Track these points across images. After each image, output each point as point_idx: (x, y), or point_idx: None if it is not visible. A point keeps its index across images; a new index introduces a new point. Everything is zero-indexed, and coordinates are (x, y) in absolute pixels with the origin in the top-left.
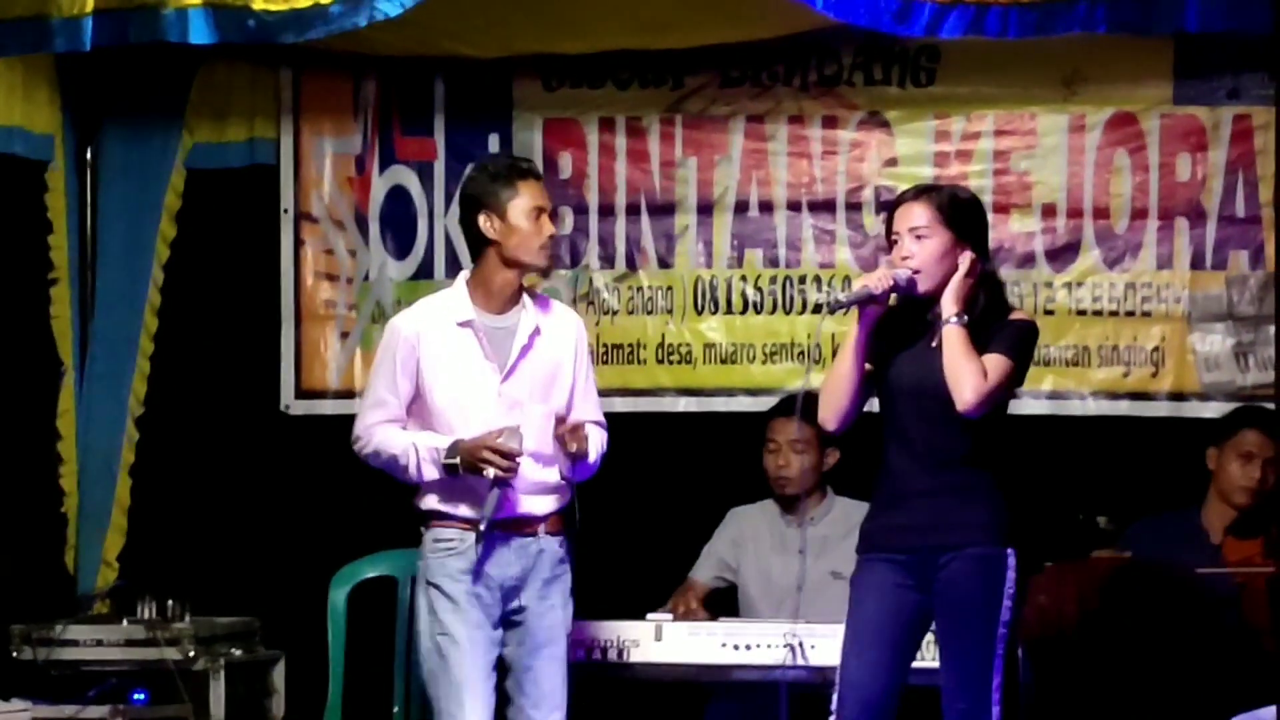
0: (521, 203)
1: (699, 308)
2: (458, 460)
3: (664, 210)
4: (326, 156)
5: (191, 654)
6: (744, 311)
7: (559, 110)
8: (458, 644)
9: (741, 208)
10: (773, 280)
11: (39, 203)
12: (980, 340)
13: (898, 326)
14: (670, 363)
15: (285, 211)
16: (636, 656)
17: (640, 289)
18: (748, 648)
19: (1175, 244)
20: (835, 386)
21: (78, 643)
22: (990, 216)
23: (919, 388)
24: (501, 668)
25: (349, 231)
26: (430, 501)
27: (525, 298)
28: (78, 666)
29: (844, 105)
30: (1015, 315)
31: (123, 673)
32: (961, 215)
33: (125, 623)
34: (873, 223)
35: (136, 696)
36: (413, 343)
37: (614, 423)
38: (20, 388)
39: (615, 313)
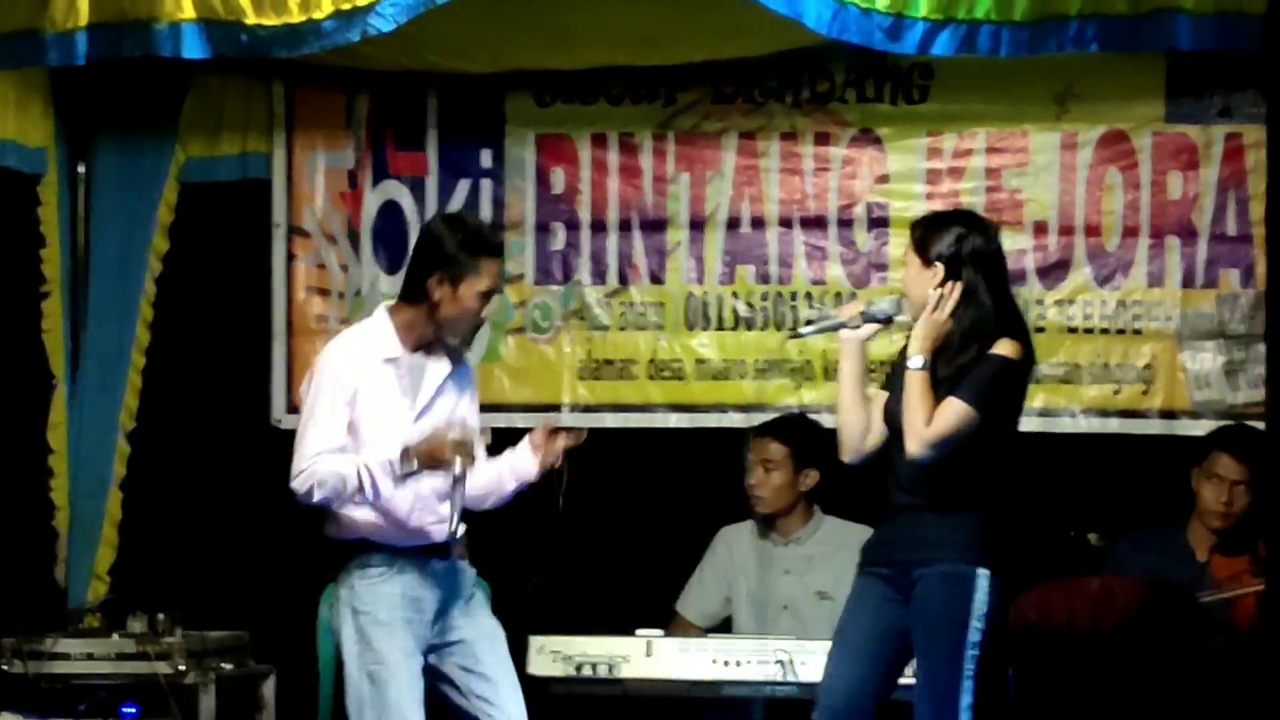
0: (479, 283)
1: (690, 324)
2: (415, 465)
3: (656, 226)
4: (319, 171)
5: (182, 668)
6: (735, 328)
7: (551, 126)
8: (393, 672)
9: (733, 224)
10: (764, 296)
11: (32, 216)
12: (958, 375)
13: None
14: (661, 379)
15: (277, 226)
16: (627, 672)
17: (632, 305)
18: (738, 664)
19: (1166, 262)
20: (839, 420)
21: (68, 656)
22: None
23: (895, 415)
24: (434, 695)
25: (341, 246)
26: (358, 532)
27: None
28: (68, 680)
29: (836, 122)
30: (999, 348)
31: (113, 686)
32: (927, 237)
33: (116, 636)
34: (864, 239)
35: (127, 710)
36: (353, 373)
37: (605, 438)
38: (11, 400)
39: (607, 328)
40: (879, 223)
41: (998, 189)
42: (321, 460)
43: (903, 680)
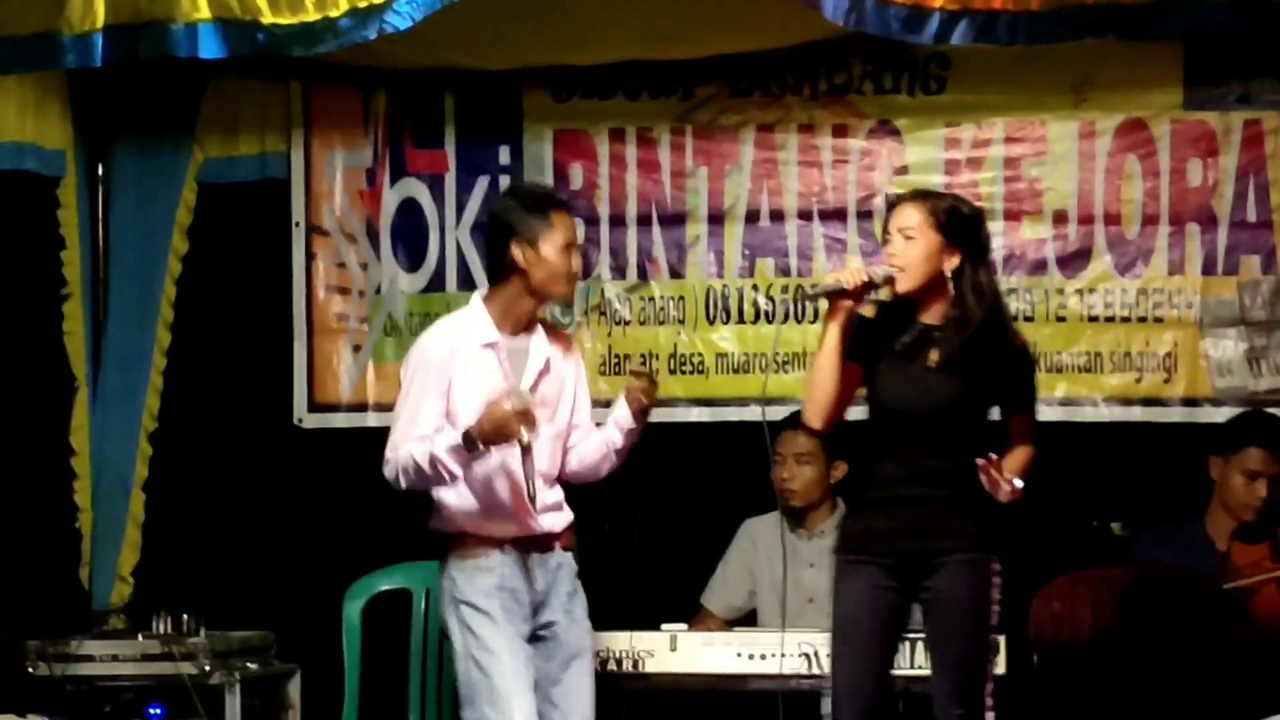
0: (556, 237)
1: (711, 317)
2: (479, 447)
3: (675, 220)
4: (337, 170)
5: (207, 668)
6: (756, 321)
7: (569, 122)
8: (497, 657)
9: (752, 217)
10: (784, 289)
11: (51, 218)
12: (991, 365)
13: (890, 334)
14: (682, 373)
15: (296, 225)
16: (652, 667)
17: (652, 299)
18: (763, 657)
19: (1187, 249)
20: (816, 384)
21: (93, 658)
22: (1001, 224)
23: (912, 410)
24: None
25: (360, 244)
26: (455, 524)
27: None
28: (93, 682)
29: (854, 114)
30: (1017, 342)
31: (139, 688)
32: (955, 223)
33: (140, 638)
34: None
35: (153, 711)
36: (446, 361)
37: None
38: (34, 403)
39: (627, 323)
40: None
41: (1016, 179)
42: (403, 449)
43: (920, 672)
